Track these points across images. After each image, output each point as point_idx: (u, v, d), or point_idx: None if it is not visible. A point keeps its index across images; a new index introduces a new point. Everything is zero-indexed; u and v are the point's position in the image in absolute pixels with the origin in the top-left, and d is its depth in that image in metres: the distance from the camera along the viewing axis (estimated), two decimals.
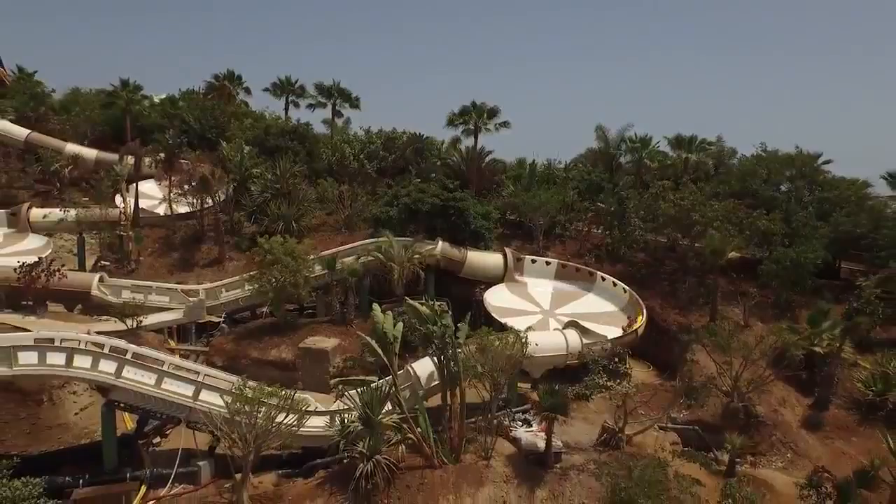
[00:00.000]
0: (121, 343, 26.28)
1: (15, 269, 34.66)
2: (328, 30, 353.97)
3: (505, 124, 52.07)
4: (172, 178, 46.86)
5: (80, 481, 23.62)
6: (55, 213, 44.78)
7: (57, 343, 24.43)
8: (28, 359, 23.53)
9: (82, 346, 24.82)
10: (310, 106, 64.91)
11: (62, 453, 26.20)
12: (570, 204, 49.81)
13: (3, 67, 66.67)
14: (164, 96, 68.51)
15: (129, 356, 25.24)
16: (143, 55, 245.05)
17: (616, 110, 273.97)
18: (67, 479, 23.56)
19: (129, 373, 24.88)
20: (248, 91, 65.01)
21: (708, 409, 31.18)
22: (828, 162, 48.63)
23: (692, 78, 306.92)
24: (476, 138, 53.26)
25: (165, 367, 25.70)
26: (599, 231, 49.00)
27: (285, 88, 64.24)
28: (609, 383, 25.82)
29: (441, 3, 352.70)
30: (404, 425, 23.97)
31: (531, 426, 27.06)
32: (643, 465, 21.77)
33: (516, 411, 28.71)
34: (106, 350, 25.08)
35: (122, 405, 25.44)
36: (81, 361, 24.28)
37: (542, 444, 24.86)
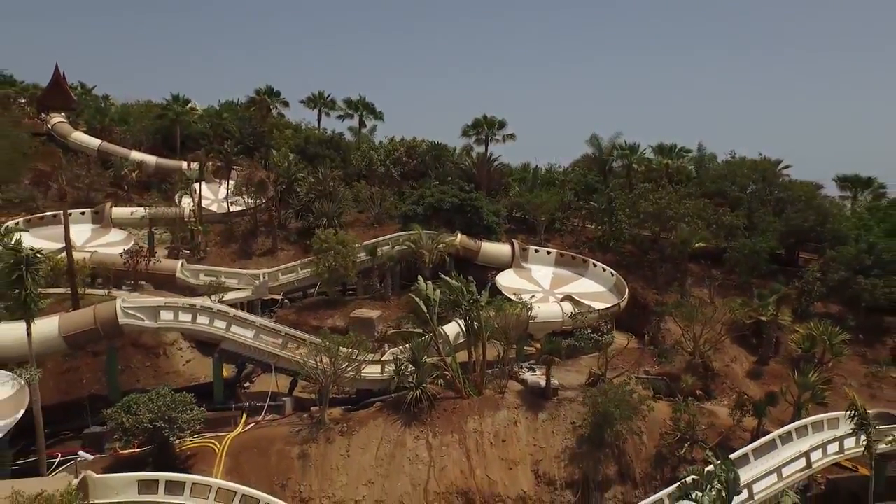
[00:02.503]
0: (224, 307, 34.83)
1: (121, 255, 42.98)
2: (345, 39, 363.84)
3: (511, 136, 60.49)
4: (230, 181, 55.25)
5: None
6: (139, 210, 53.23)
7: (181, 306, 33.00)
8: (166, 316, 32.11)
9: (199, 308, 33.35)
10: (339, 117, 73.74)
11: (181, 390, 34.52)
12: (568, 203, 58.18)
13: (65, 81, 74.99)
14: (191, 104, 76.22)
15: (231, 316, 33.76)
16: (148, 59, 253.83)
17: (617, 112, 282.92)
18: None
19: (235, 328, 33.35)
20: (286, 104, 73.57)
21: (675, 364, 39.38)
22: (787, 167, 57.09)
23: (689, 84, 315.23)
24: (486, 146, 61.72)
25: (258, 325, 34.17)
26: (593, 226, 57.29)
27: (318, 102, 72.92)
28: (594, 336, 34.25)
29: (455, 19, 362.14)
30: (442, 364, 32.40)
31: (535, 371, 35.45)
32: (614, 389, 30.18)
33: (524, 362, 37.12)
34: (215, 311, 33.61)
35: (228, 354, 33.91)
36: (202, 319, 32.77)
37: (543, 383, 33.29)
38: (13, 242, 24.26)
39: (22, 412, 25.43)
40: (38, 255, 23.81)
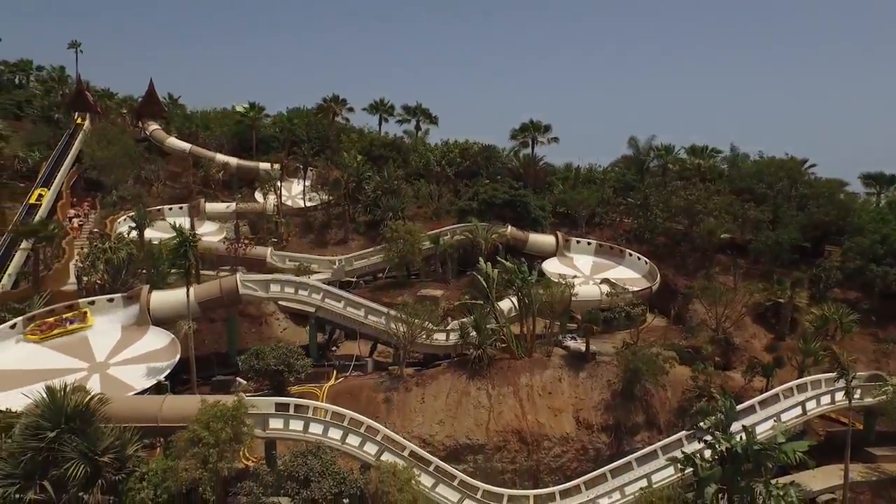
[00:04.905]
0: (318, 283, 42.17)
1: (223, 242, 50.91)
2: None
3: (555, 139, 66.81)
4: (306, 180, 62.98)
5: None
6: (232, 206, 61.44)
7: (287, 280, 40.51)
8: (275, 288, 39.59)
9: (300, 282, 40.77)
10: (398, 122, 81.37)
11: None
12: (607, 199, 64.02)
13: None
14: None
15: (324, 290, 41.04)
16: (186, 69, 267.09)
17: (653, 113, 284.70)
18: None
19: (328, 300, 40.58)
20: (351, 110, 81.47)
21: (699, 339, 44.96)
22: (813, 165, 61.73)
23: (723, 86, 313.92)
24: (532, 148, 68.10)
25: (345, 298, 41.36)
26: (629, 220, 62.96)
27: (379, 108, 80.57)
28: (628, 308, 40.35)
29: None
30: (499, 330, 38.95)
31: (576, 340, 41.71)
32: (643, 350, 36.26)
33: (567, 333, 43.42)
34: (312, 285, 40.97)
35: (322, 320, 41.20)
36: (303, 292, 40.11)
37: (584, 349, 39.52)
38: (178, 226, 31.60)
39: (178, 356, 33.13)
40: (196, 237, 31.29)
